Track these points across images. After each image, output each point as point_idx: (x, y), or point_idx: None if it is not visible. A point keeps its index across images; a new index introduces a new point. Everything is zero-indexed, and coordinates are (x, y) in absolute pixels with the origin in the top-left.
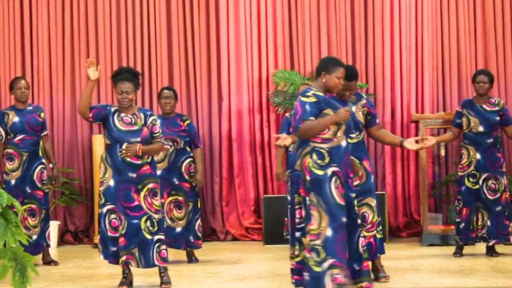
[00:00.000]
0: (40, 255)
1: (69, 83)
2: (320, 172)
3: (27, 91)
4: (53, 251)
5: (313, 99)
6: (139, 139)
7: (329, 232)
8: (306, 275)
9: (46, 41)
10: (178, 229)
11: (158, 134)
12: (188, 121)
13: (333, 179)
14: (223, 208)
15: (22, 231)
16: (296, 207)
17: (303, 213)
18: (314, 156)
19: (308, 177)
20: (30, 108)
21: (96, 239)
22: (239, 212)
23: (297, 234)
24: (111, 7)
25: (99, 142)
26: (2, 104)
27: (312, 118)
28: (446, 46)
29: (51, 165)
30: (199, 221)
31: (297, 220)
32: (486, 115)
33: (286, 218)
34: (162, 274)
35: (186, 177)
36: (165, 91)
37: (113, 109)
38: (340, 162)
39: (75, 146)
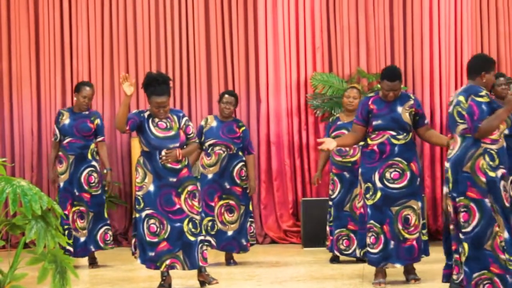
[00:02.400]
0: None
1: (108, 87)
2: (493, 174)
3: (89, 102)
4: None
5: (486, 99)
6: (177, 145)
7: (506, 235)
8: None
9: (86, 45)
10: (230, 233)
11: (192, 134)
12: (243, 128)
13: (501, 181)
14: (261, 211)
15: (61, 234)
16: (462, 210)
17: (466, 216)
18: (487, 158)
19: (483, 179)
20: (86, 113)
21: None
22: (278, 215)
23: (462, 236)
24: (150, 11)
25: (137, 146)
26: (43, 108)
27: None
28: (486, 48)
29: (105, 171)
30: (249, 223)
31: (462, 223)
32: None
33: (329, 226)
34: (205, 275)
35: (238, 181)
36: (226, 96)
37: (146, 115)
38: (505, 163)
39: (114, 150)
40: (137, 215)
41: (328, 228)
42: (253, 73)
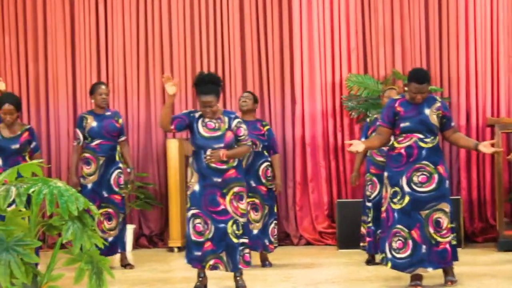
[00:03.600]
0: (116, 259)
1: (143, 89)
2: None
3: (107, 97)
4: (128, 254)
5: None
6: (222, 145)
7: None
8: None
9: (121, 48)
10: (255, 231)
11: (243, 136)
12: (267, 127)
13: None
14: (296, 213)
15: (98, 235)
16: None
17: None
18: None
19: None
20: (109, 113)
21: (171, 243)
22: (313, 216)
23: None
24: (185, 13)
25: (173, 147)
26: (79, 109)
27: None
28: None
29: (128, 170)
30: (273, 225)
31: None
32: None
33: (363, 226)
34: (238, 278)
35: (263, 180)
36: (244, 94)
37: (197, 115)
38: None
39: (150, 151)
40: (186, 214)
41: (364, 230)
42: (288, 74)
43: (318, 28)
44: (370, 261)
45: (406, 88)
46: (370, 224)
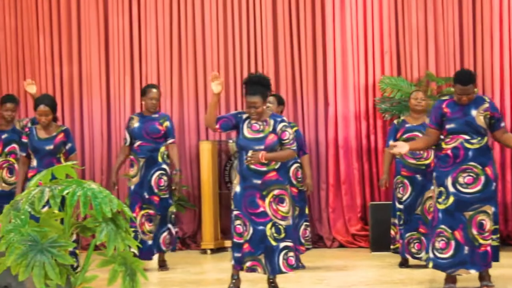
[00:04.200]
0: (153, 260)
1: (176, 89)
2: None
3: (157, 102)
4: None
5: None
6: (262, 147)
7: None
8: None
9: (154, 49)
10: None
11: (287, 140)
12: (295, 128)
13: None
14: (329, 215)
15: (131, 236)
16: None
17: None
18: None
19: None
20: (156, 115)
21: (204, 245)
22: (346, 218)
23: None
24: (218, 14)
25: (206, 149)
26: (112, 110)
27: None
28: None
29: (174, 172)
30: (304, 226)
31: None
32: None
33: (393, 229)
34: (271, 280)
35: (294, 182)
36: (270, 98)
37: (244, 116)
38: None
39: (183, 153)
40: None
41: (394, 232)
42: (321, 76)
43: (351, 29)
44: (404, 264)
45: (449, 89)
46: (402, 227)
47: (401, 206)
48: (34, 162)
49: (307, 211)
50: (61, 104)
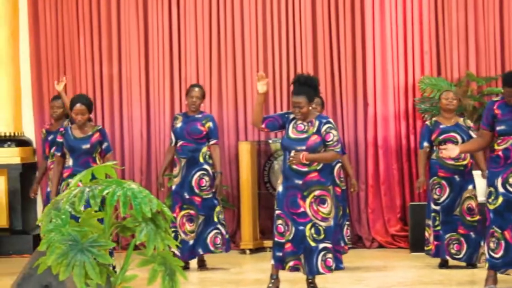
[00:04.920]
0: (194, 260)
1: (215, 90)
2: None
3: (198, 101)
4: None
5: None
6: (304, 147)
7: None
8: None
9: (194, 50)
10: None
11: (331, 142)
12: None
13: None
14: (369, 215)
15: (171, 236)
16: None
17: None
18: None
19: None
20: (199, 116)
21: (244, 245)
22: (385, 219)
23: None
24: (257, 16)
25: (245, 149)
26: (151, 111)
27: None
28: None
29: (215, 174)
30: (346, 226)
31: None
32: None
33: (427, 230)
34: (310, 281)
35: (337, 181)
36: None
37: (291, 116)
38: None
39: (222, 153)
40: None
41: (428, 234)
42: (361, 76)
43: (391, 29)
44: (443, 265)
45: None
46: (438, 228)
47: (437, 208)
48: (70, 162)
49: (348, 210)
50: (101, 104)
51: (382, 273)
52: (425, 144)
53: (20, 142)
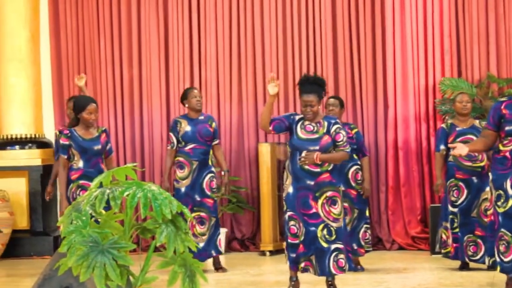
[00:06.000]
0: (209, 262)
1: (236, 94)
2: None
3: (201, 100)
4: (221, 258)
5: None
6: (317, 148)
7: None
8: None
9: (214, 54)
10: None
11: (341, 142)
12: (355, 130)
13: None
14: (389, 217)
15: (191, 238)
16: None
17: None
18: None
19: None
20: (202, 117)
21: (263, 246)
22: (406, 221)
23: None
24: (277, 19)
25: (265, 151)
26: (172, 114)
27: None
28: None
29: (222, 173)
30: (364, 229)
31: None
32: None
33: (444, 233)
34: (330, 283)
35: (353, 184)
36: (330, 99)
37: (297, 118)
38: None
39: (242, 155)
40: (284, 216)
41: (445, 236)
42: (381, 78)
43: (411, 30)
44: (464, 267)
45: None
46: (457, 230)
47: (454, 210)
48: (80, 163)
49: (367, 213)
50: (121, 107)
51: (402, 275)
52: (442, 147)
53: (41, 143)
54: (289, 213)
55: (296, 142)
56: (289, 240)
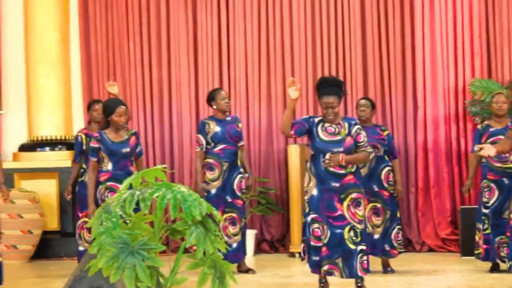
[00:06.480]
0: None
1: (264, 94)
2: None
3: (229, 101)
4: (250, 259)
5: None
6: (341, 149)
7: None
8: None
9: (243, 53)
10: (376, 236)
11: (363, 143)
12: (386, 132)
13: None
14: (419, 219)
15: (221, 240)
16: None
17: None
18: None
19: None
20: (229, 118)
21: (292, 248)
22: (435, 222)
23: None
24: (306, 18)
25: (294, 152)
26: (201, 115)
27: None
28: None
29: (246, 175)
30: (396, 230)
31: None
32: None
33: (477, 234)
34: (359, 285)
35: (385, 185)
36: (361, 101)
37: (317, 120)
38: None
39: (271, 157)
40: (304, 219)
41: (478, 237)
42: (410, 79)
43: (441, 31)
44: (495, 269)
45: None
46: (488, 231)
47: (486, 211)
48: (109, 166)
49: (398, 214)
50: (150, 108)
51: (432, 277)
52: (476, 148)
53: (71, 145)
54: (312, 216)
55: (319, 145)
56: (312, 243)
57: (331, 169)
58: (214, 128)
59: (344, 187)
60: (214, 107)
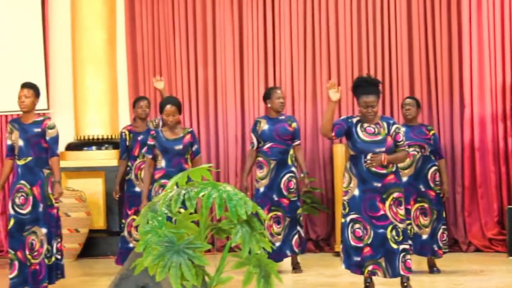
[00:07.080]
0: (284, 262)
1: (310, 94)
2: None
3: (284, 101)
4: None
5: None
6: (383, 149)
7: None
8: None
9: (289, 53)
10: (424, 237)
11: (401, 142)
12: (433, 131)
13: None
14: (465, 219)
15: (266, 239)
16: None
17: None
18: None
19: None
20: (283, 117)
21: (338, 247)
22: (482, 222)
23: None
24: (352, 18)
25: (339, 152)
26: (246, 115)
27: None
28: None
29: (302, 174)
30: (442, 230)
31: None
32: None
33: None
34: (405, 284)
35: (432, 185)
36: (407, 100)
37: (355, 120)
38: None
39: (317, 156)
40: (343, 220)
41: None
42: (457, 77)
43: (488, 28)
44: None
45: None
46: None
47: None
48: (163, 163)
49: (444, 214)
50: (196, 107)
51: (479, 277)
52: None
53: (117, 144)
54: (352, 216)
55: (361, 145)
56: (353, 243)
57: (373, 169)
58: (264, 126)
59: (386, 187)
60: (269, 105)
